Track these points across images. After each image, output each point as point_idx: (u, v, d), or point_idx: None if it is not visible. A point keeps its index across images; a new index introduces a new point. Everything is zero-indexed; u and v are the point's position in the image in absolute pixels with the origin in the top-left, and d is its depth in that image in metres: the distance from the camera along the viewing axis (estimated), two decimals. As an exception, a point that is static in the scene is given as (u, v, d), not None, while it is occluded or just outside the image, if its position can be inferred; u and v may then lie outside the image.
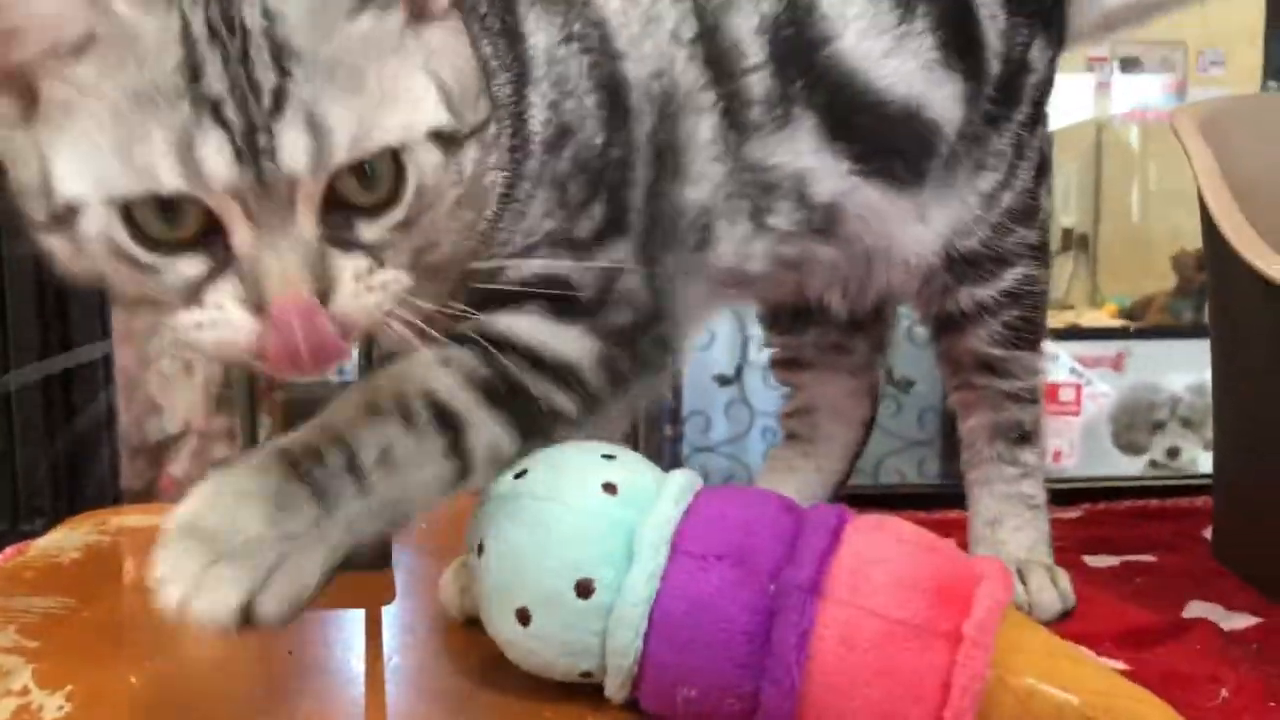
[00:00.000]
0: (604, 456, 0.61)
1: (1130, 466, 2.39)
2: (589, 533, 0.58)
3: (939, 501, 1.11)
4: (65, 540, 0.88)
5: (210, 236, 0.51)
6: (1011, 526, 0.89)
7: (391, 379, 0.61)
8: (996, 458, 0.91)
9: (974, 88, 0.82)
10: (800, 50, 0.73)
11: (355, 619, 0.74)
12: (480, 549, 0.60)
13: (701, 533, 0.57)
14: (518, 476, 0.61)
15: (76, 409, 1.17)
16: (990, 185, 0.86)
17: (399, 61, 0.54)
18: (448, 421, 0.60)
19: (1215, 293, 1.00)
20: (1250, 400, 0.93)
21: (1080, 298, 2.90)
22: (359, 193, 0.53)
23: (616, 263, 0.67)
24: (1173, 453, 2.29)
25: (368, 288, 0.53)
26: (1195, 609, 0.86)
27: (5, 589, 0.78)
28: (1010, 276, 0.88)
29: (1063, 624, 0.82)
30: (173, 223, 0.51)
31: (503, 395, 0.62)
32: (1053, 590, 0.84)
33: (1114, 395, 1.12)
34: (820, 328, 0.98)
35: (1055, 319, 2.48)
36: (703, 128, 0.71)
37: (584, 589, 0.56)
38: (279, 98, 0.50)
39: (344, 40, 0.52)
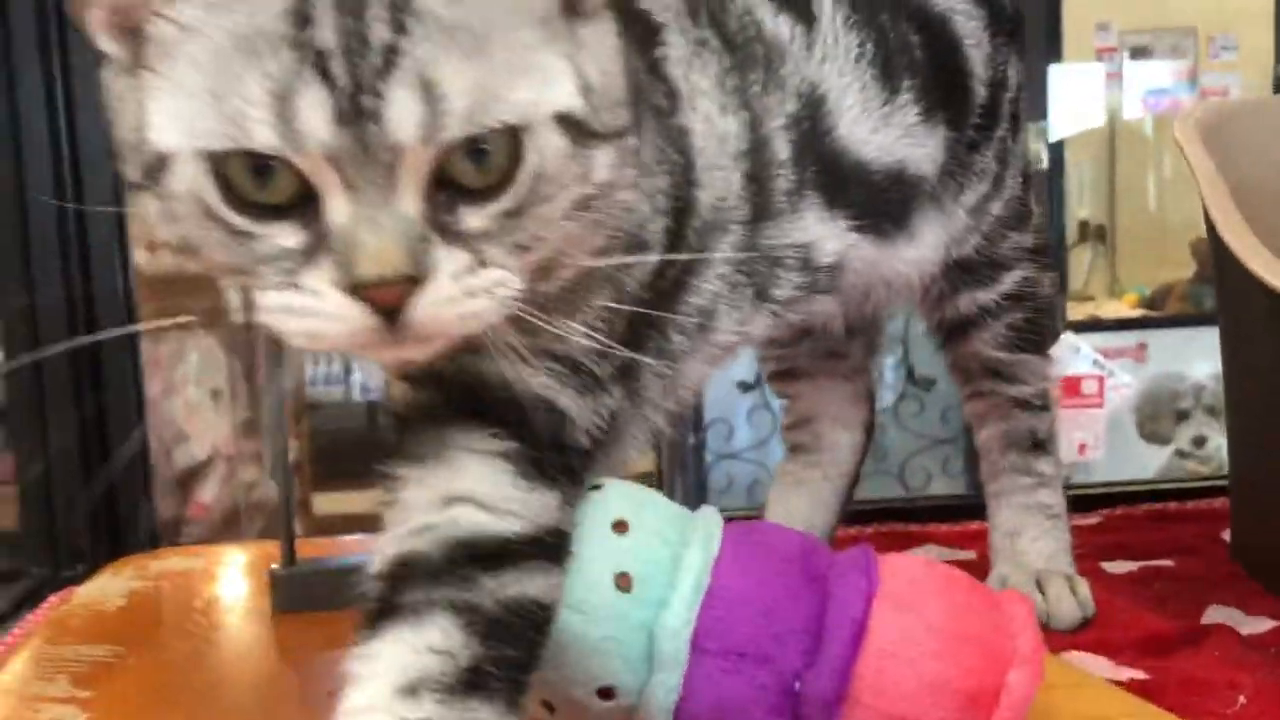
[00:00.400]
0: (614, 527, 0.57)
1: (1156, 457, 2.39)
2: (605, 643, 0.55)
3: (965, 513, 1.12)
4: (109, 586, 0.91)
5: (307, 206, 0.46)
6: (1030, 537, 0.90)
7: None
8: (1011, 468, 0.93)
9: (957, 130, 0.83)
10: (811, 141, 0.74)
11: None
12: None
13: (722, 626, 0.56)
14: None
15: (109, 449, 1.19)
16: (977, 198, 0.87)
17: (537, 37, 0.48)
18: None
19: (1221, 297, 1.01)
20: (1257, 401, 0.94)
21: (1100, 289, 2.90)
22: (469, 172, 0.47)
23: (610, 406, 0.59)
24: (1199, 441, 2.29)
25: (467, 291, 0.47)
26: (1214, 614, 0.87)
27: (53, 638, 0.81)
28: (1009, 280, 0.89)
29: (1082, 633, 0.84)
30: (267, 185, 0.46)
31: (484, 673, 0.52)
32: (1072, 600, 0.86)
33: (1137, 386, 1.11)
34: (814, 339, 0.99)
35: (1075, 311, 2.48)
36: (729, 238, 0.69)
37: (606, 694, 0.56)
38: (391, 55, 0.44)
39: (478, 3, 0.46)
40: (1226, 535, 1.03)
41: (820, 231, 0.75)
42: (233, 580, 0.91)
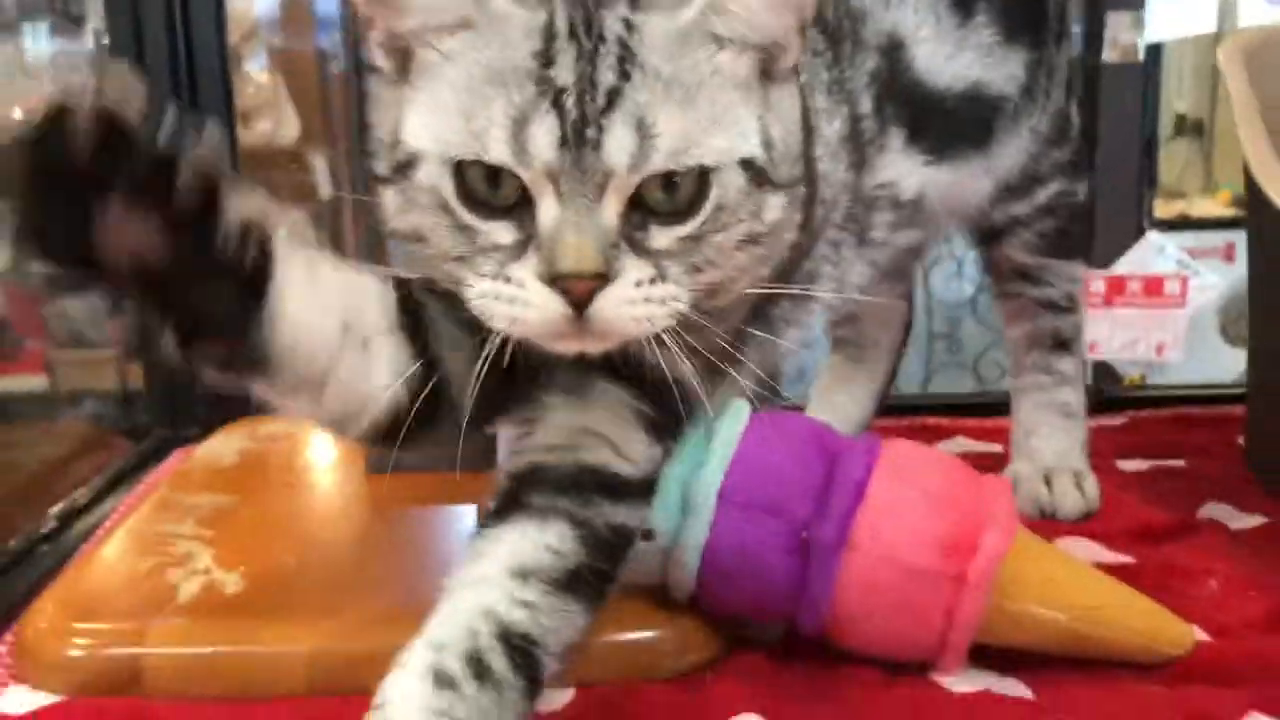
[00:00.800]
0: None
1: (1238, 360, 2.40)
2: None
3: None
4: (223, 446, 1.04)
5: (524, 210, 0.56)
6: (1045, 434, 0.98)
7: (461, 615, 0.59)
8: (1034, 366, 1.00)
9: (1037, 50, 0.88)
10: (890, 84, 0.79)
11: (469, 513, 0.88)
12: None
13: (744, 484, 0.67)
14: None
15: None
16: (1034, 119, 0.93)
17: (736, 97, 0.58)
18: (525, 654, 0.59)
19: (1251, 214, 1.06)
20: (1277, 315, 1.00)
21: (1193, 185, 2.87)
22: (661, 199, 0.56)
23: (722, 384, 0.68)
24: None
25: (645, 298, 0.56)
26: (1209, 510, 0.95)
27: (180, 487, 0.94)
28: (1044, 194, 0.95)
29: (1084, 524, 0.93)
30: (495, 190, 0.56)
31: (590, 577, 0.62)
32: (1076, 494, 0.94)
33: (1222, 286, 1.15)
34: None
35: (1165, 209, 2.48)
36: (836, 213, 0.77)
37: (647, 535, 0.67)
38: (612, 97, 0.54)
39: (692, 64, 0.57)
40: (1242, 440, 1.10)
41: (904, 167, 0.82)
42: (330, 443, 1.03)
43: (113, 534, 0.86)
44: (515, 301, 0.56)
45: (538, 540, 0.62)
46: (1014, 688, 0.69)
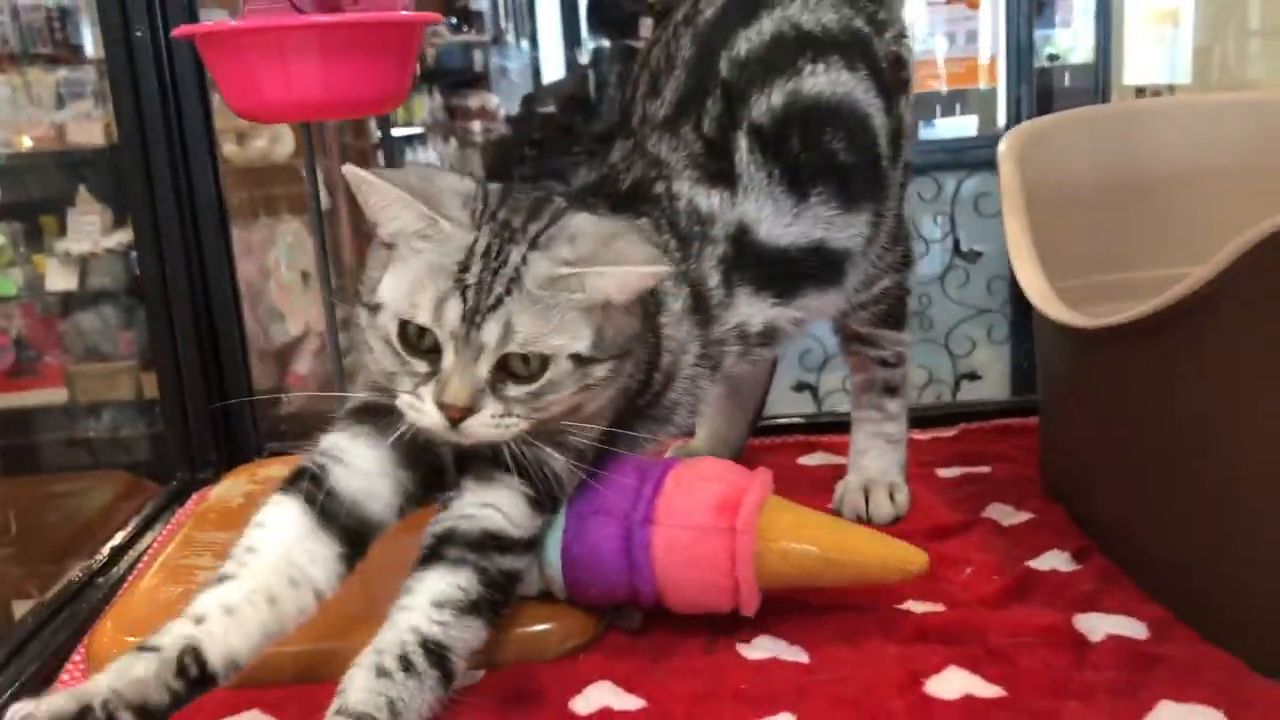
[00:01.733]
0: None
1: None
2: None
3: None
4: (232, 489, 1.32)
5: (435, 356, 0.86)
6: (872, 455, 1.26)
7: (396, 630, 0.84)
8: (869, 404, 1.27)
9: (877, 204, 1.11)
10: (738, 259, 1.04)
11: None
12: None
13: (583, 498, 0.97)
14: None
15: (223, 362, 1.52)
16: (877, 244, 1.17)
17: (580, 316, 0.87)
18: (439, 656, 0.84)
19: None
20: (1058, 375, 1.26)
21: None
22: (519, 366, 0.86)
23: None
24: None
25: (495, 425, 0.86)
26: (991, 510, 1.22)
27: (200, 526, 1.23)
28: (879, 286, 1.22)
29: (892, 526, 1.20)
30: (420, 339, 0.86)
31: (482, 603, 0.88)
32: (889, 503, 1.21)
33: None
34: None
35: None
36: (687, 358, 1.05)
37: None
38: (497, 303, 0.84)
39: (553, 295, 0.86)
40: (1041, 446, 1.36)
41: (751, 310, 1.07)
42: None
43: (151, 567, 1.15)
44: (419, 411, 0.87)
45: (451, 581, 0.88)
46: (796, 654, 0.97)
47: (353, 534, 0.91)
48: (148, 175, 1.44)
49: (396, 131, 6.31)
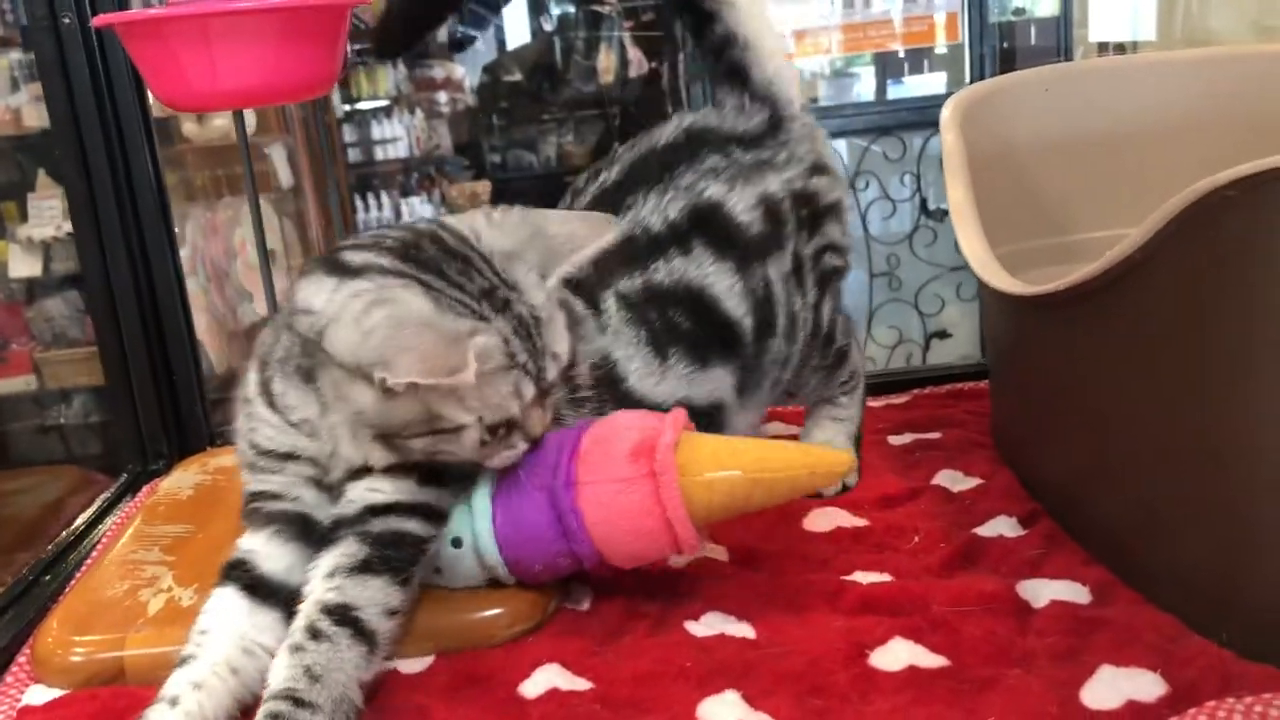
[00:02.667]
0: None
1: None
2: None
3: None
4: (181, 480, 1.31)
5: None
6: (820, 429, 1.27)
7: (300, 613, 0.88)
8: (825, 401, 1.28)
9: (739, 358, 1.11)
10: (609, 385, 1.06)
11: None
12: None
13: (504, 479, 0.97)
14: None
15: (170, 353, 1.50)
16: (776, 373, 1.17)
17: (555, 308, 0.94)
18: (343, 616, 0.86)
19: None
20: (1005, 335, 1.27)
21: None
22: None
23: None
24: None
25: (552, 411, 0.96)
26: (940, 477, 1.23)
27: (149, 519, 1.22)
28: (809, 380, 1.23)
29: (843, 496, 1.20)
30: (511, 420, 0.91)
31: (372, 561, 0.90)
32: None
33: None
34: None
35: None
36: None
37: (456, 543, 0.96)
38: (542, 351, 0.92)
39: (547, 308, 0.93)
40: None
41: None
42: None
43: (99, 563, 1.14)
44: (516, 455, 0.95)
45: (336, 553, 0.91)
46: (743, 629, 0.97)
47: (291, 598, 0.93)
48: (83, 162, 1.41)
49: (361, 105, 6.28)
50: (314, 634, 0.86)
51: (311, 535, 0.97)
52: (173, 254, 1.45)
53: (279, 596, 0.94)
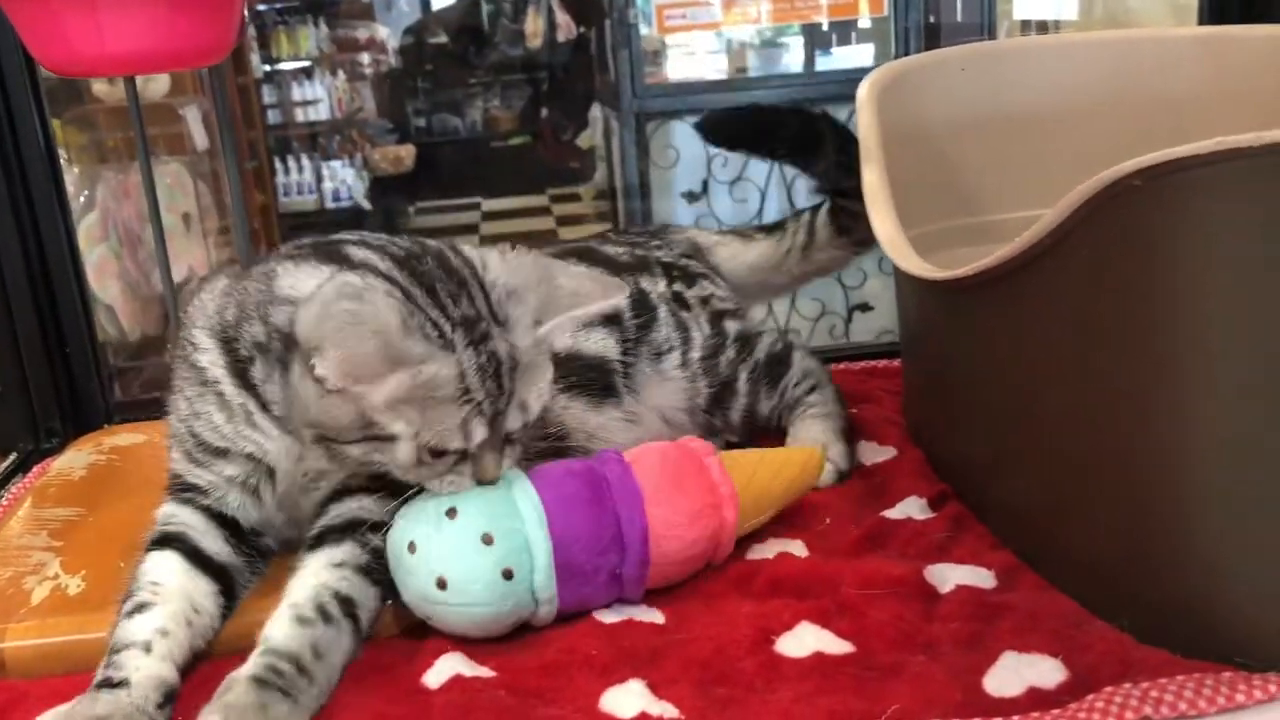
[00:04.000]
0: (481, 540, 0.91)
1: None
2: (510, 613, 0.93)
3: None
4: (74, 460, 1.26)
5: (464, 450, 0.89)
6: (802, 428, 1.24)
7: (306, 587, 0.89)
8: (797, 404, 1.27)
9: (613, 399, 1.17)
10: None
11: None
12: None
13: (567, 563, 0.92)
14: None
15: (64, 329, 1.45)
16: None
17: (544, 355, 0.94)
18: (349, 608, 0.89)
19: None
20: (916, 327, 1.27)
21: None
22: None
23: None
24: None
25: (513, 460, 0.93)
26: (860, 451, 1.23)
27: (38, 502, 1.17)
28: (741, 395, 1.24)
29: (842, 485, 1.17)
30: (445, 454, 0.89)
31: (372, 568, 0.93)
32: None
33: None
34: None
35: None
36: None
37: (507, 575, 0.91)
38: (510, 396, 0.89)
39: (532, 354, 0.91)
40: (907, 389, 1.37)
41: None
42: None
43: (-18, 549, 1.09)
44: (454, 485, 0.92)
45: (339, 550, 0.93)
46: (652, 615, 0.96)
47: (224, 575, 0.96)
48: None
49: (282, 65, 6.13)
50: (324, 615, 0.88)
51: (238, 532, 0.98)
52: (65, 220, 1.39)
53: (213, 571, 0.95)
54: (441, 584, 0.90)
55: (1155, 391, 0.81)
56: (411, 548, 0.91)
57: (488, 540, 0.90)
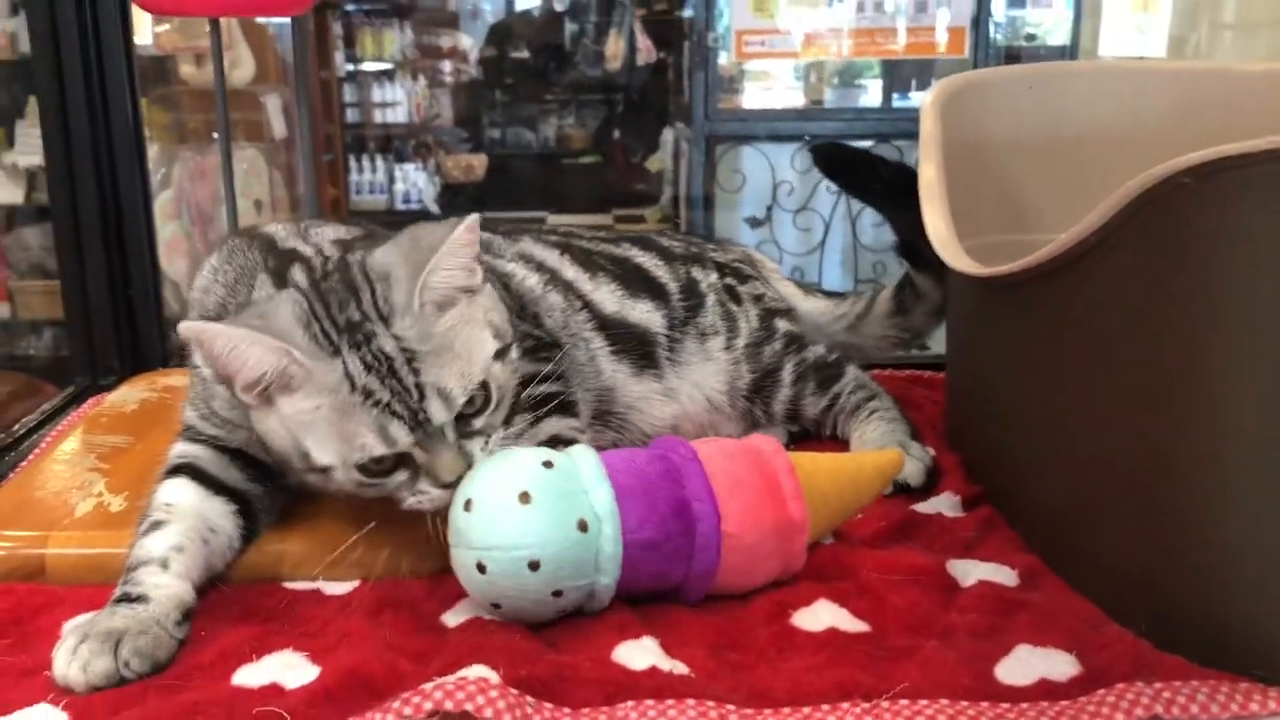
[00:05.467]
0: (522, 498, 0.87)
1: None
2: (564, 568, 0.87)
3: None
4: (128, 395, 1.30)
5: (405, 458, 0.89)
6: (870, 432, 1.23)
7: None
8: (859, 409, 1.27)
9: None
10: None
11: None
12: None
13: (634, 538, 0.88)
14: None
15: (131, 279, 1.50)
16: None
17: (469, 328, 0.90)
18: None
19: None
20: (962, 327, 1.27)
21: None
22: (469, 406, 0.89)
23: None
24: None
25: (488, 452, 0.90)
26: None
27: (89, 429, 1.21)
28: (786, 383, 1.26)
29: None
30: (382, 462, 0.88)
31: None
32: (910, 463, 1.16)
33: None
34: None
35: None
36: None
37: (558, 594, 0.87)
38: (420, 389, 0.87)
39: (439, 334, 0.88)
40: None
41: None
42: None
43: (33, 464, 1.13)
44: (431, 499, 0.90)
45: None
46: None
47: (240, 497, 0.98)
48: (60, 90, 1.40)
49: (365, 65, 6.25)
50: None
51: (253, 464, 1.00)
52: (144, 188, 1.45)
53: (228, 493, 0.97)
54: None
55: (1190, 396, 0.81)
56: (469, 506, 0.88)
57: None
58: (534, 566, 0.85)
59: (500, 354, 0.93)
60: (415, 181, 6.26)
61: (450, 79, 6.65)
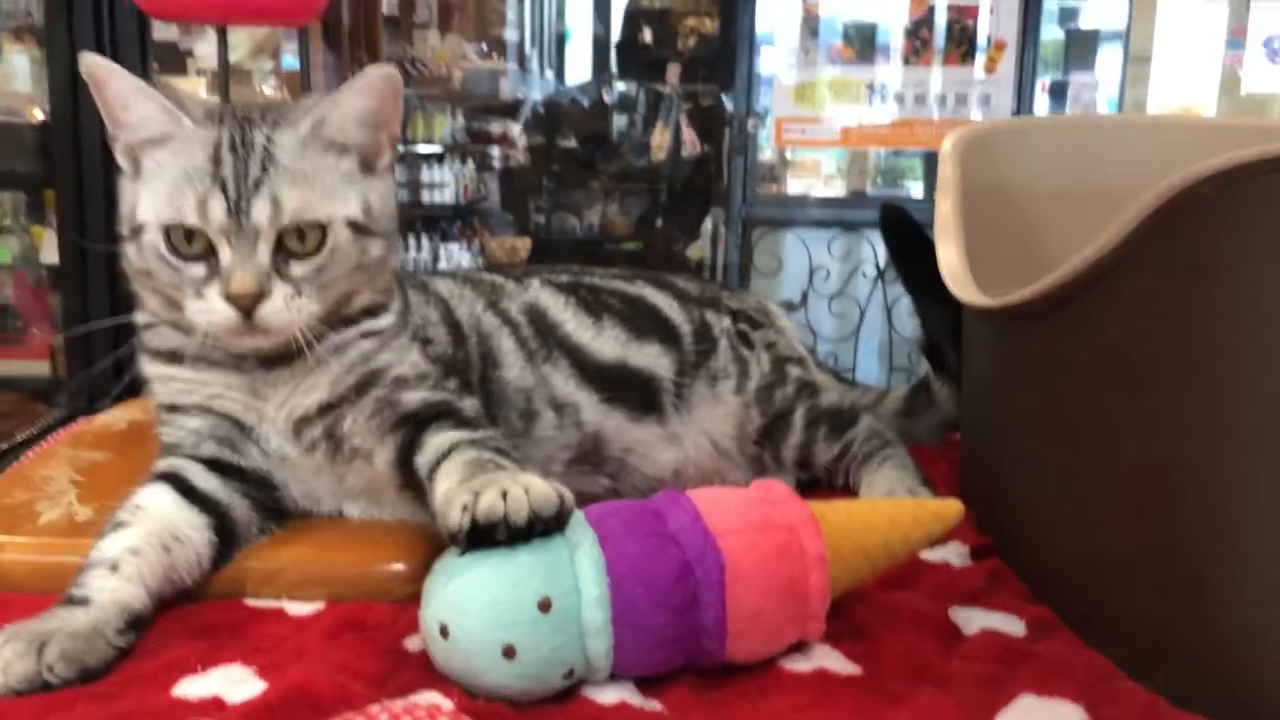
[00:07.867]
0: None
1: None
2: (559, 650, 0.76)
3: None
4: (119, 416, 1.27)
5: (210, 256, 0.87)
6: (880, 478, 1.16)
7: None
8: (873, 456, 1.21)
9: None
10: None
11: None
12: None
13: (629, 611, 0.77)
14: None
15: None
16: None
17: (342, 182, 0.91)
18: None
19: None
20: (979, 392, 1.21)
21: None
22: (297, 245, 0.88)
23: None
24: None
25: (287, 309, 0.88)
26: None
27: (72, 445, 1.18)
28: (798, 427, 1.20)
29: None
30: (190, 243, 0.87)
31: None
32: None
33: None
34: None
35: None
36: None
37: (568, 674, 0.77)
38: (257, 184, 0.87)
39: (312, 162, 0.90)
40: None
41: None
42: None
43: (10, 474, 1.10)
44: (208, 311, 0.87)
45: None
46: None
47: (217, 513, 0.93)
48: (76, 151, 1.42)
49: (417, 148, 6.36)
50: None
51: (241, 477, 0.97)
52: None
53: (207, 506, 0.93)
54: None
55: (1227, 437, 0.75)
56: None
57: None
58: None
59: (359, 230, 0.91)
60: (460, 261, 6.31)
61: (498, 164, 6.75)
